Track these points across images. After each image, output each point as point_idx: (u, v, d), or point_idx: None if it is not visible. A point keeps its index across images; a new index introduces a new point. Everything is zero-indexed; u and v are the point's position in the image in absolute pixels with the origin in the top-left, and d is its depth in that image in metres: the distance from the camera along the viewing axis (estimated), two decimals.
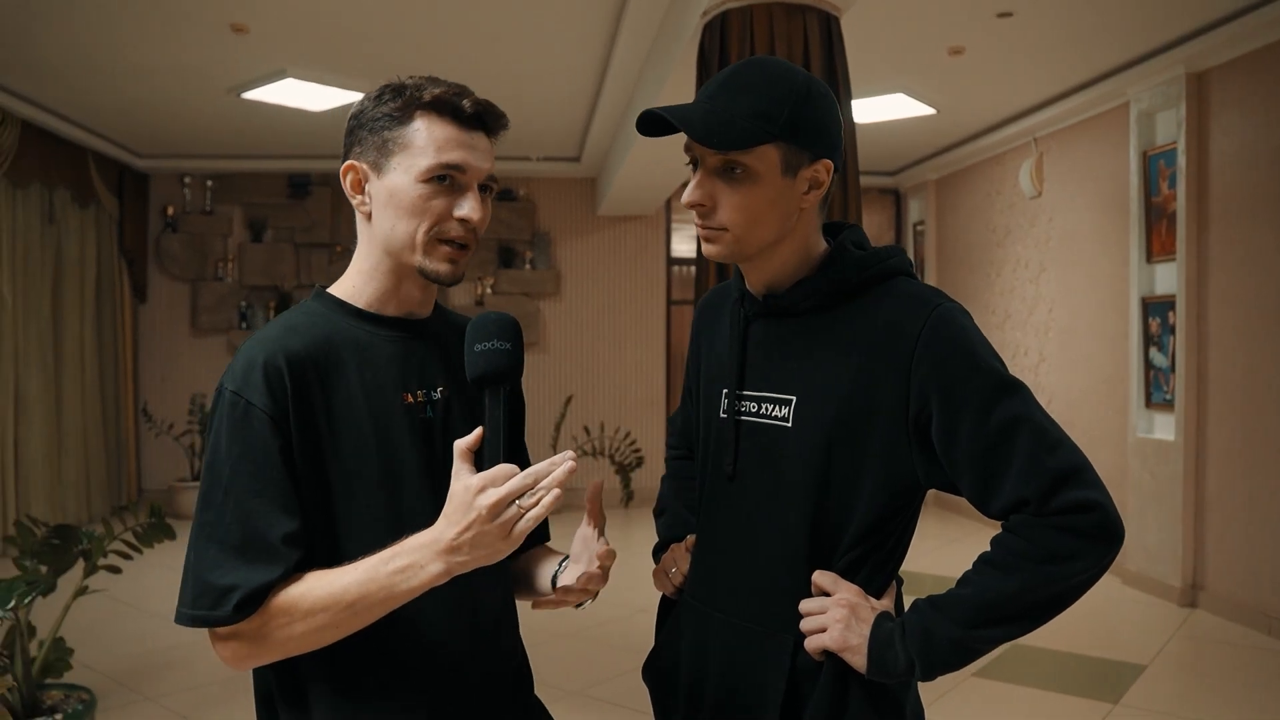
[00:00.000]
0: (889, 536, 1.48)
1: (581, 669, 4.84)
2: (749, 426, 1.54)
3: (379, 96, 1.45)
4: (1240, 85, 5.66)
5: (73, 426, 8.28)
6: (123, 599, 5.90)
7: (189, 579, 1.32)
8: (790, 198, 1.45)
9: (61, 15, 5.53)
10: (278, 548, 1.31)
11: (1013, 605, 1.36)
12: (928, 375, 1.39)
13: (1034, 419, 1.39)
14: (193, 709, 4.30)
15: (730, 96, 1.42)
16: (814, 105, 1.44)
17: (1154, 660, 4.97)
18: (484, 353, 1.36)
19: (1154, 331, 6.33)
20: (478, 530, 1.24)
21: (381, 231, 1.44)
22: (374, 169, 1.44)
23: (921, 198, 10.08)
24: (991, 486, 1.38)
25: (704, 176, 1.45)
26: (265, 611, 1.30)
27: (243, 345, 1.40)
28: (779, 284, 1.52)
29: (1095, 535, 1.35)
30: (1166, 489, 6.11)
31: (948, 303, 1.44)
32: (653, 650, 1.73)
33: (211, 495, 1.34)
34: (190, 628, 1.33)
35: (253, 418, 1.33)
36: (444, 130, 1.43)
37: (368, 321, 1.47)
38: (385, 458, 1.41)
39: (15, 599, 3.32)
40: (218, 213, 9.74)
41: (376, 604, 1.29)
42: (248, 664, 1.34)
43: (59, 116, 7.76)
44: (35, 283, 7.76)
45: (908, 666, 1.39)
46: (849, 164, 4.23)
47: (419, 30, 5.81)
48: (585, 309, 10.18)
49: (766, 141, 1.40)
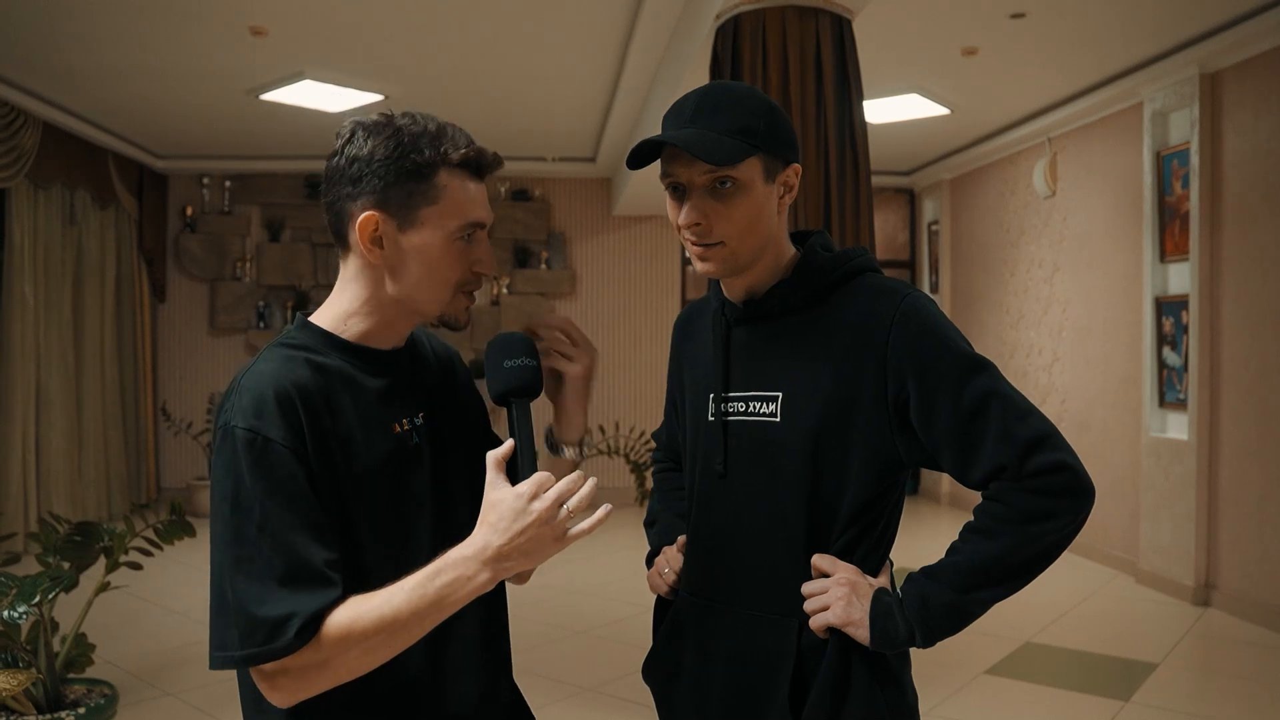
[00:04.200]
0: (879, 518, 1.57)
1: (594, 666, 4.88)
2: (738, 425, 1.61)
3: (395, 145, 1.40)
4: (1253, 85, 5.66)
5: (92, 425, 8.37)
6: (142, 596, 5.98)
7: (231, 619, 1.30)
8: (772, 203, 1.56)
9: (82, 19, 5.61)
10: (326, 573, 1.30)
11: (1000, 566, 1.47)
12: (902, 360, 1.49)
13: (1003, 393, 1.48)
14: (213, 705, 4.36)
15: (709, 118, 1.51)
16: (779, 115, 1.56)
17: (1166, 659, 4.98)
18: (513, 369, 1.44)
19: (1167, 331, 6.33)
20: (533, 534, 1.29)
21: (402, 284, 1.44)
22: (396, 222, 1.41)
23: (936, 198, 10.09)
24: (969, 458, 1.48)
25: (696, 198, 1.53)
26: (320, 640, 1.29)
27: (240, 380, 1.38)
28: (757, 289, 1.61)
29: (1068, 494, 1.45)
30: (1179, 488, 6.12)
31: (915, 293, 1.54)
32: (651, 650, 1.78)
33: (243, 532, 1.30)
34: (235, 669, 1.31)
35: (273, 452, 1.31)
36: (467, 187, 1.43)
37: (354, 355, 1.46)
38: (390, 485, 1.44)
39: (40, 594, 3.38)
40: (236, 213, 9.83)
41: (426, 620, 1.31)
42: (299, 696, 1.32)
43: (79, 118, 7.86)
44: (56, 282, 7.86)
45: (909, 635, 1.47)
46: (862, 164, 4.25)
47: (436, 33, 5.86)
48: (600, 309, 10.22)
49: (753, 154, 1.50)
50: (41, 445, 7.65)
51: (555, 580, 6.48)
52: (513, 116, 7.96)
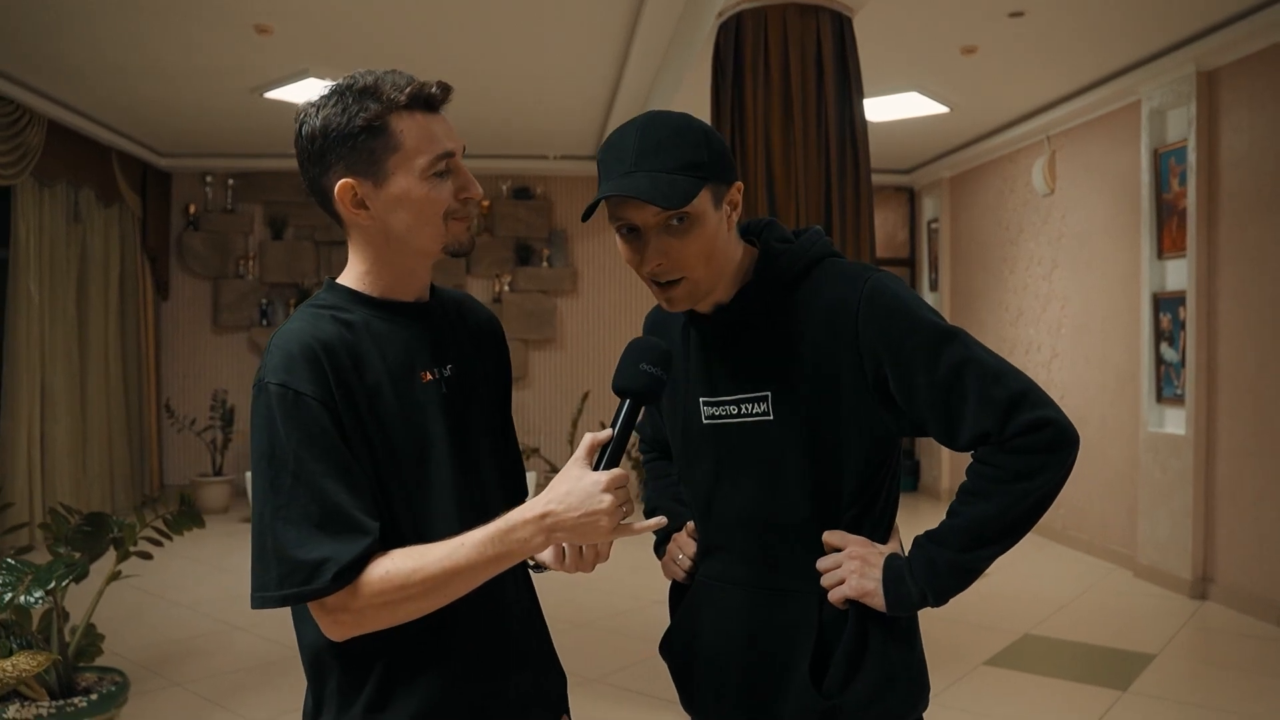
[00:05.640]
0: (879, 490, 1.65)
1: (598, 657, 4.92)
2: (733, 427, 1.66)
3: (342, 109, 1.43)
4: (1250, 83, 5.71)
5: (97, 422, 8.41)
6: (149, 589, 6.02)
7: (270, 561, 1.35)
8: (723, 226, 1.58)
9: (86, 17, 5.65)
10: (361, 520, 1.36)
11: (997, 524, 1.54)
12: (874, 340, 1.54)
13: (976, 357, 1.54)
14: (220, 694, 4.41)
15: (656, 159, 1.51)
16: (715, 138, 1.57)
17: (1164, 650, 5.03)
18: (645, 374, 1.49)
19: (1165, 327, 6.38)
20: (593, 520, 1.37)
21: (398, 232, 1.48)
22: (370, 181, 1.45)
23: (935, 195, 10.13)
24: (953, 426, 1.54)
25: (654, 239, 1.54)
26: (359, 586, 1.35)
27: (272, 340, 1.44)
28: (722, 297, 1.65)
29: (1052, 447, 1.52)
30: (1177, 483, 6.17)
31: (876, 274, 1.59)
32: (669, 629, 1.83)
33: (279, 481, 1.36)
34: (275, 609, 1.37)
35: (304, 405, 1.37)
36: (425, 124, 1.46)
37: (382, 309, 1.52)
38: (416, 434, 1.48)
39: (55, 581, 3.43)
40: (239, 211, 9.88)
41: (481, 574, 1.39)
42: (352, 633, 1.39)
43: (84, 116, 7.90)
44: (61, 280, 7.90)
45: (920, 596, 1.56)
46: (862, 161, 4.30)
47: (439, 31, 5.91)
48: (602, 307, 10.27)
49: (702, 187, 1.52)
50: (46, 442, 7.70)
51: (557, 574, 6.51)
52: (515, 114, 8.01)
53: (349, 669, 1.46)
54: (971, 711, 4.24)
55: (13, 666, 3.25)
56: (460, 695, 1.50)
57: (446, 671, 1.49)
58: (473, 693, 1.51)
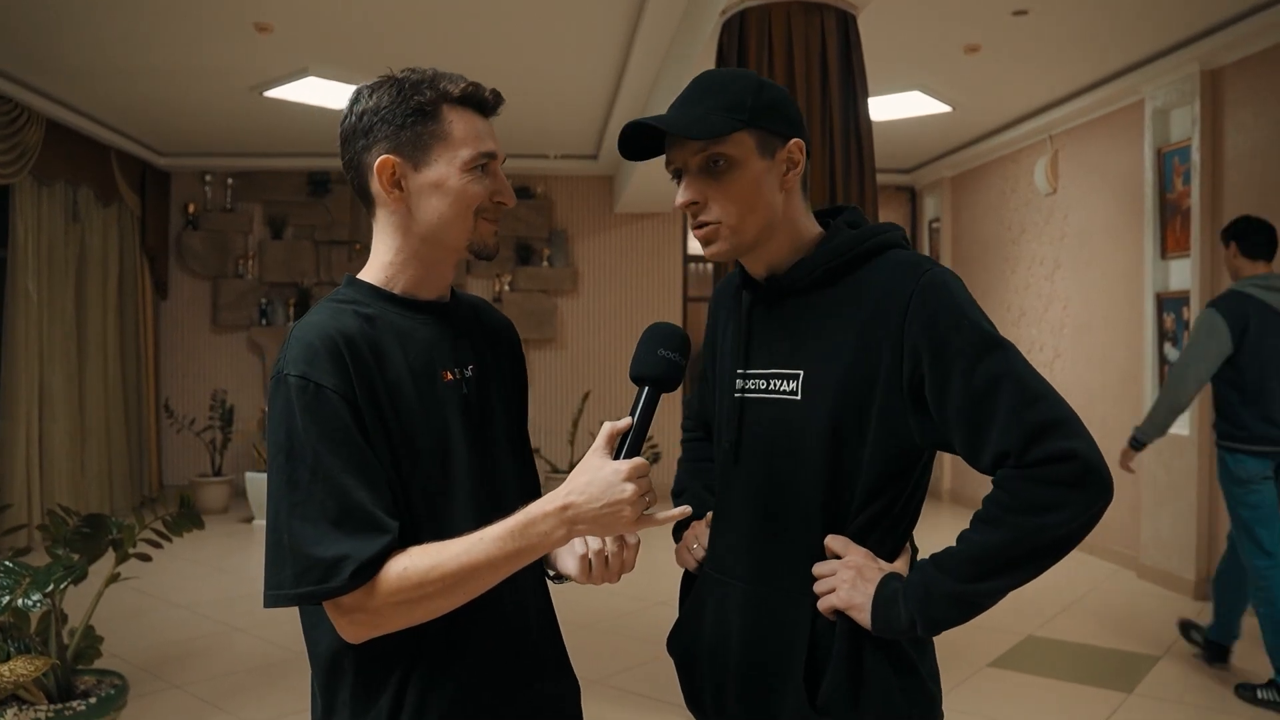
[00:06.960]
0: (896, 499, 1.55)
1: (601, 659, 4.90)
2: (759, 402, 1.62)
3: (397, 92, 1.46)
4: (1254, 82, 5.69)
5: (95, 421, 8.39)
6: (147, 592, 6.00)
7: (286, 558, 1.32)
8: (772, 179, 1.55)
9: (86, 15, 5.63)
10: (380, 518, 1.33)
11: (1002, 557, 1.42)
12: (919, 336, 1.45)
13: (1016, 374, 1.42)
14: (220, 697, 4.39)
15: (696, 101, 1.53)
16: (771, 91, 1.56)
17: (1168, 651, 5.01)
18: (663, 360, 1.47)
19: (1168, 327, 6.36)
20: (617, 510, 1.34)
21: (425, 220, 1.49)
22: (411, 163, 1.47)
23: (937, 195, 10.11)
24: (977, 442, 1.44)
25: (690, 178, 1.56)
26: (376, 584, 1.32)
27: (292, 332, 1.43)
28: (778, 267, 1.61)
29: (1075, 484, 1.38)
30: (1180, 483, 6.15)
31: (937, 268, 1.50)
32: (676, 623, 1.80)
33: (296, 477, 1.33)
34: (287, 608, 1.34)
35: (325, 398, 1.35)
36: (474, 122, 1.49)
37: (404, 306, 1.51)
38: (437, 433, 1.47)
39: (53, 583, 3.40)
40: (238, 210, 9.85)
41: (503, 570, 1.36)
42: (369, 634, 1.36)
43: (83, 115, 7.88)
44: (59, 279, 7.88)
45: (909, 623, 1.46)
46: (866, 159, 4.27)
47: (440, 29, 5.89)
48: (602, 306, 10.24)
49: (740, 129, 1.51)
50: (45, 441, 7.67)
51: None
52: (515, 113, 7.98)
53: (365, 676, 1.43)
54: (976, 714, 4.22)
55: (10, 672, 3.22)
56: (479, 705, 1.47)
57: (465, 681, 1.47)
58: (491, 702, 1.49)
